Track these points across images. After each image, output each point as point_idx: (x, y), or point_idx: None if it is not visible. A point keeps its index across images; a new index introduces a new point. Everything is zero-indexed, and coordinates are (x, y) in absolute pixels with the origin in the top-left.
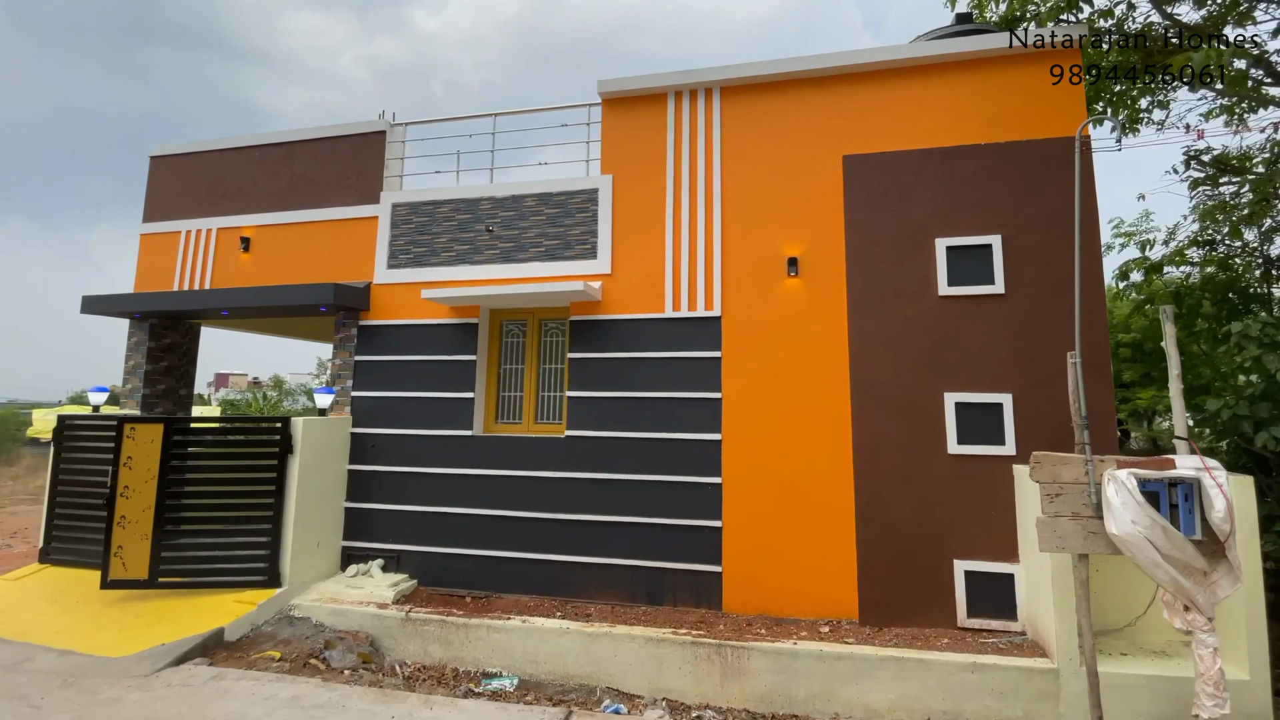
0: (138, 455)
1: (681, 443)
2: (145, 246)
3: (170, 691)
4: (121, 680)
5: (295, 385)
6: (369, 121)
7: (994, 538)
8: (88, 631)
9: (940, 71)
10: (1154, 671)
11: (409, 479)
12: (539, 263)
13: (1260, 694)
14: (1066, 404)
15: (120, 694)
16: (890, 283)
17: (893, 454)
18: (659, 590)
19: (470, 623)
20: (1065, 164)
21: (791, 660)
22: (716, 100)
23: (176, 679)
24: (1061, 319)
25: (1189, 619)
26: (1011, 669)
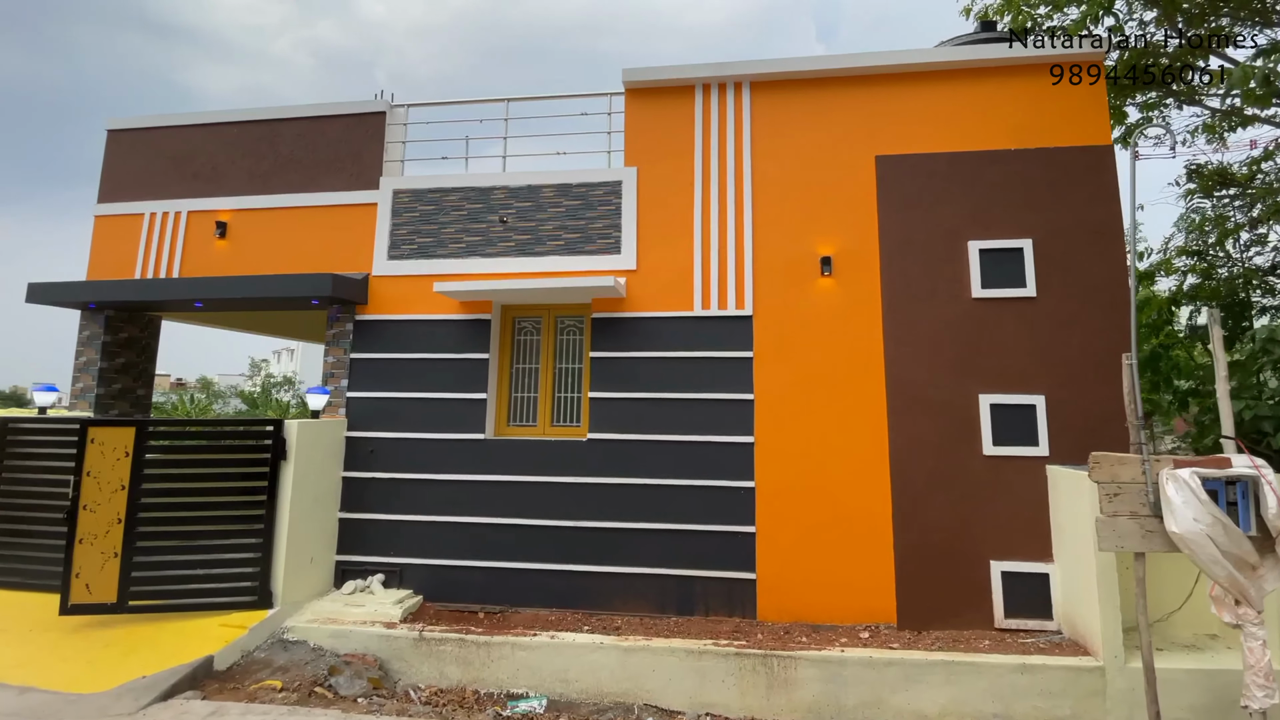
0: (105, 463)
1: (712, 445)
2: (101, 230)
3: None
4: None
5: (226, 387)
6: (365, 101)
7: (1029, 538)
8: (49, 664)
9: (967, 77)
10: (1193, 665)
11: (412, 486)
12: (558, 257)
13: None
14: (1096, 406)
15: None
16: (924, 284)
17: (929, 456)
18: (689, 600)
19: (493, 640)
20: (1089, 172)
21: (840, 668)
22: (746, 95)
23: (167, 716)
24: (1089, 323)
25: (1240, 613)
26: (1060, 668)
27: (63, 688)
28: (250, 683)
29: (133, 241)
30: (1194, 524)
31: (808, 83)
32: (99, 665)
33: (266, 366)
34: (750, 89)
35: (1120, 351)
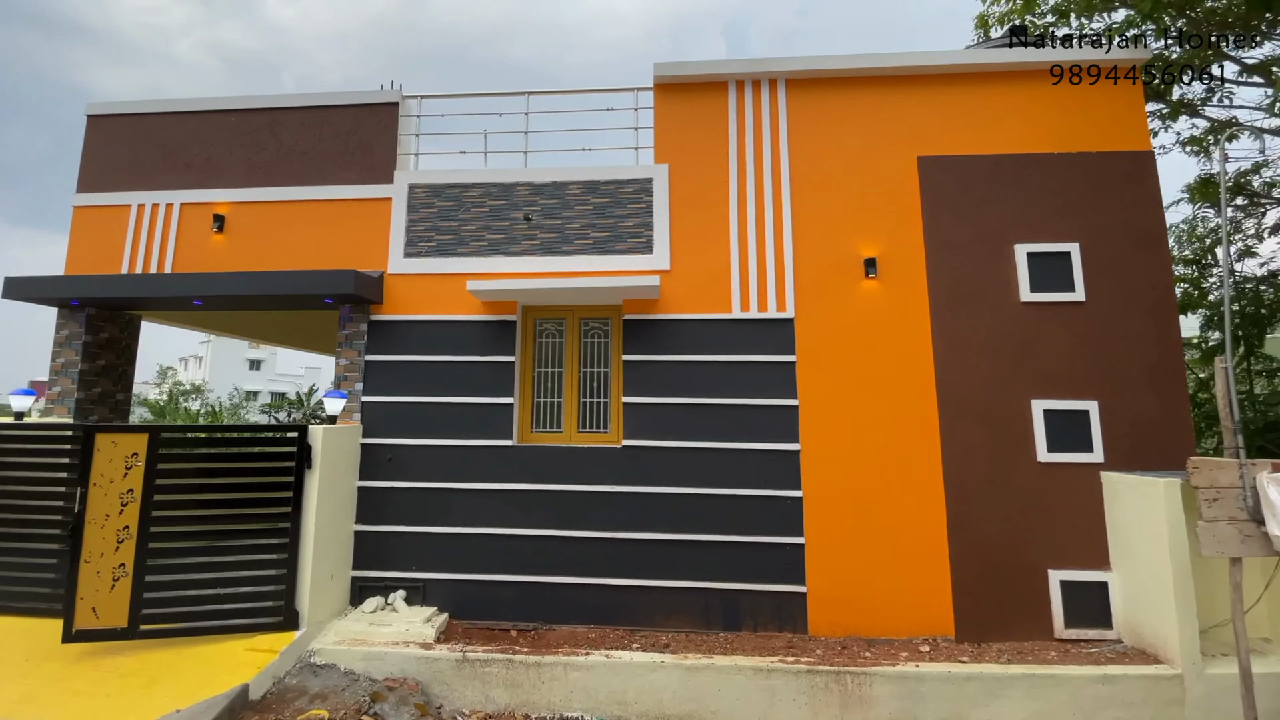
0: (115, 473)
1: (756, 453)
2: (81, 221)
3: None
4: None
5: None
6: (375, 91)
7: (1086, 546)
8: (59, 699)
9: (1006, 80)
10: (1263, 669)
11: (434, 496)
12: (586, 256)
13: None
14: (1148, 412)
15: None
16: (972, 287)
17: (983, 463)
18: (736, 614)
19: (543, 661)
20: (1131, 178)
21: (918, 684)
22: (781, 92)
23: None
24: (1138, 328)
25: None
26: (1140, 678)
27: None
28: (290, 713)
29: (118, 234)
30: None
31: (844, 81)
32: (118, 699)
33: (174, 374)
34: (785, 86)
35: (1168, 358)
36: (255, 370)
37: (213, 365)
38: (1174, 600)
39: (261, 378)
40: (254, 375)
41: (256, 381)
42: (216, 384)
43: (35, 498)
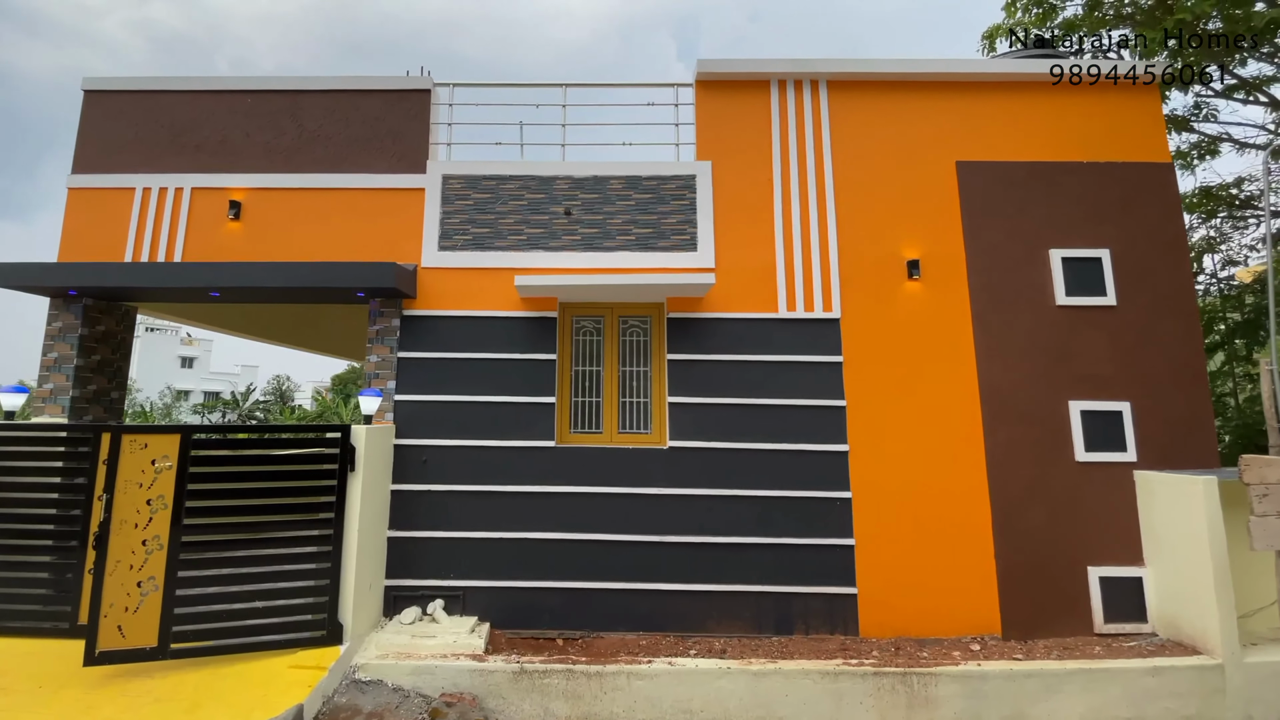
0: (143, 477)
1: (805, 454)
2: (77, 204)
3: None
4: None
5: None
6: (405, 78)
7: (1122, 543)
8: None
9: (1039, 89)
10: None
11: (472, 499)
12: (628, 253)
13: None
14: (1177, 412)
15: None
16: (1010, 290)
17: (1025, 463)
18: (788, 618)
19: (605, 670)
20: (1155, 187)
21: (981, 683)
22: (823, 92)
23: None
24: (1166, 332)
25: None
26: (1186, 669)
27: None
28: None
29: (120, 219)
30: None
31: (885, 84)
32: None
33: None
34: (827, 87)
35: (1193, 361)
36: (188, 368)
37: (141, 362)
38: (1214, 594)
39: (195, 376)
40: (186, 373)
41: (189, 380)
42: (146, 382)
43: (39, 505)
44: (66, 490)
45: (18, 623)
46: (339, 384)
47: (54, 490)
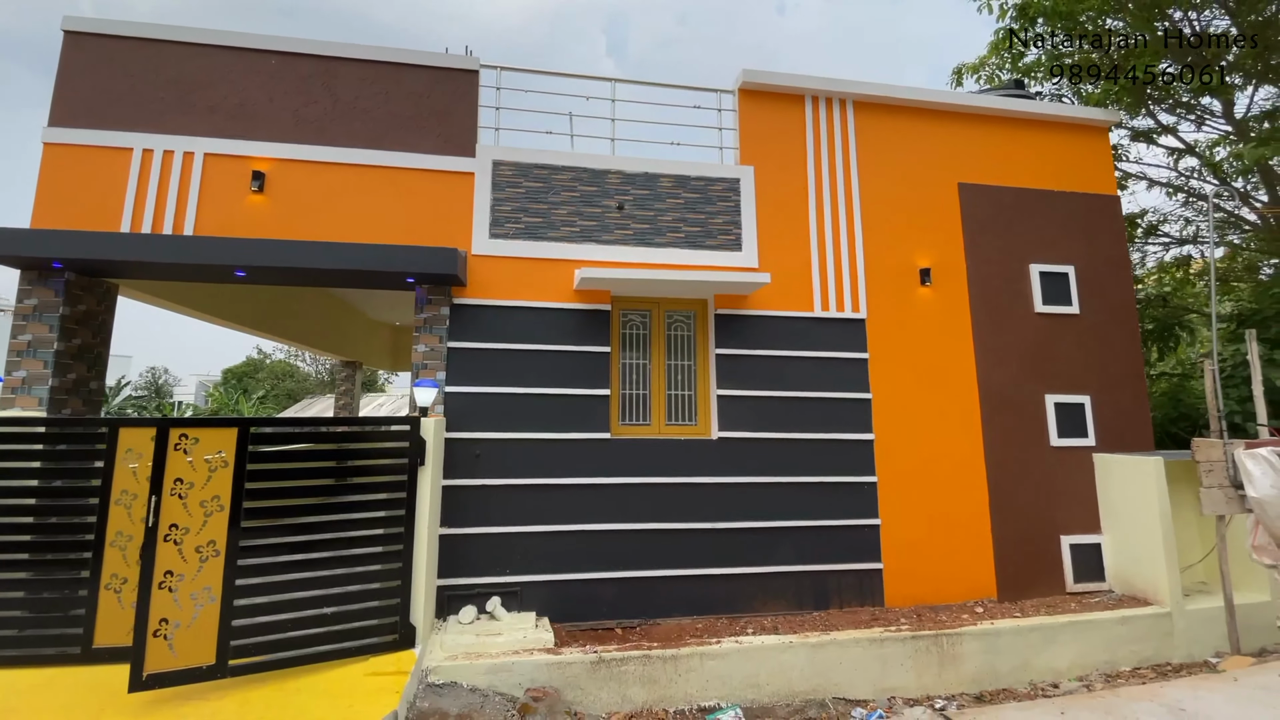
0: (196, 476)
1: (837, 443)
2: (56, 162)
3: None
4: None
5: None
6: (452, 55)
7: (1085, 515)
8: None
9: (1022, 124)
10: (1214, 604)
11: (526, 493)
12: (677, 249)
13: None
14: (1126, 405)
15: None
16: (1001, 297)
17: (1015, 449)
18: (825, 593)
19: (680, 653)
20: (1105, 215)
21: (995, 639)
22: (850, 112)
23: None
24: (1114, 337)
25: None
26: (1146, 617)
27: None
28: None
29: (113, 182)
30: (1271, 489)
31: (902, 109)
32: None
33: None
34: (854, 107)
35: (1134, 362)
36: None
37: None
38: (1163, 554)
39: None
40: None
41: None
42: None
43: (55, 512)
44: (73, 494)
45: (12, 651)
46: (231, 377)
47: (56, 495)
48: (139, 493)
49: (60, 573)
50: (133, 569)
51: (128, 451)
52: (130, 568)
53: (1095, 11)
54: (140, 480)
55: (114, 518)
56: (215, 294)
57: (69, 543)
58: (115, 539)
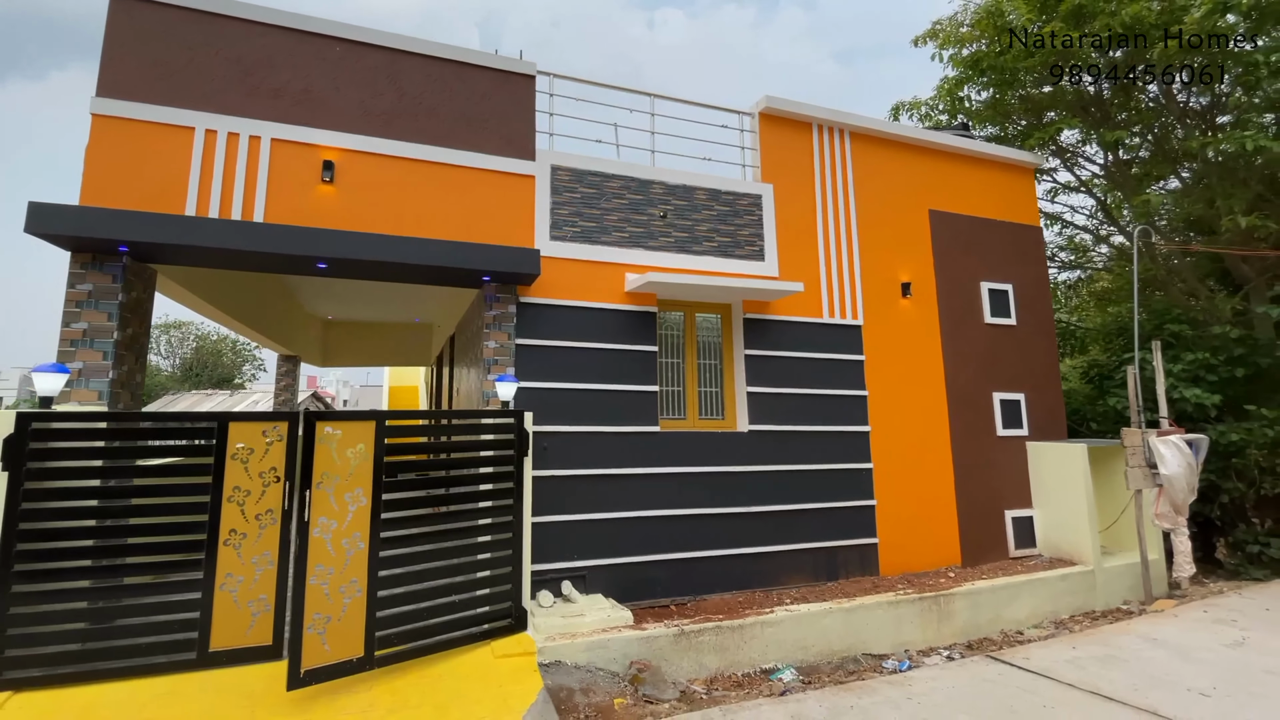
0: (340, 470)
1: (844, 434)
2: (106, 136)
3: None
4: None
5: None
6: (511, 59)
7: (1021, 492)
8: None
9: (974, 161)
10: (1128, 561)
11: (587, 483)
12: (712, 257)
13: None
14: (1048, 401)
15: None
16: (961, 310)
17: (972, 439)
18: (834, 566)
19: (745, 623)
20: (1033, 243)
21: (977, 597)
22: (848, 141)
23: None
24: (1039, 345)
25: (1176, 520)
26: (1077, 574)
27: None
28: (590, 711)
29: (174, 162)
30: (1178, 468)
31: (888, 142)
32: None
33: None
34: (851, 137)
35: (1053, 366)
36: None
37: None
38: (1087, 523)
39: None
40: None
41: None
42: None
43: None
44: (185, 492)
45: (121, 661)
46: None
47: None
48: (252, 489)
49: (170, 575)
50: (248, 568)
51: (239, 447)
52: (246, 567)
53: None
54: (253, 476)
55: (226, 515)
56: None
57: (183, 543)
58: (229, 537)
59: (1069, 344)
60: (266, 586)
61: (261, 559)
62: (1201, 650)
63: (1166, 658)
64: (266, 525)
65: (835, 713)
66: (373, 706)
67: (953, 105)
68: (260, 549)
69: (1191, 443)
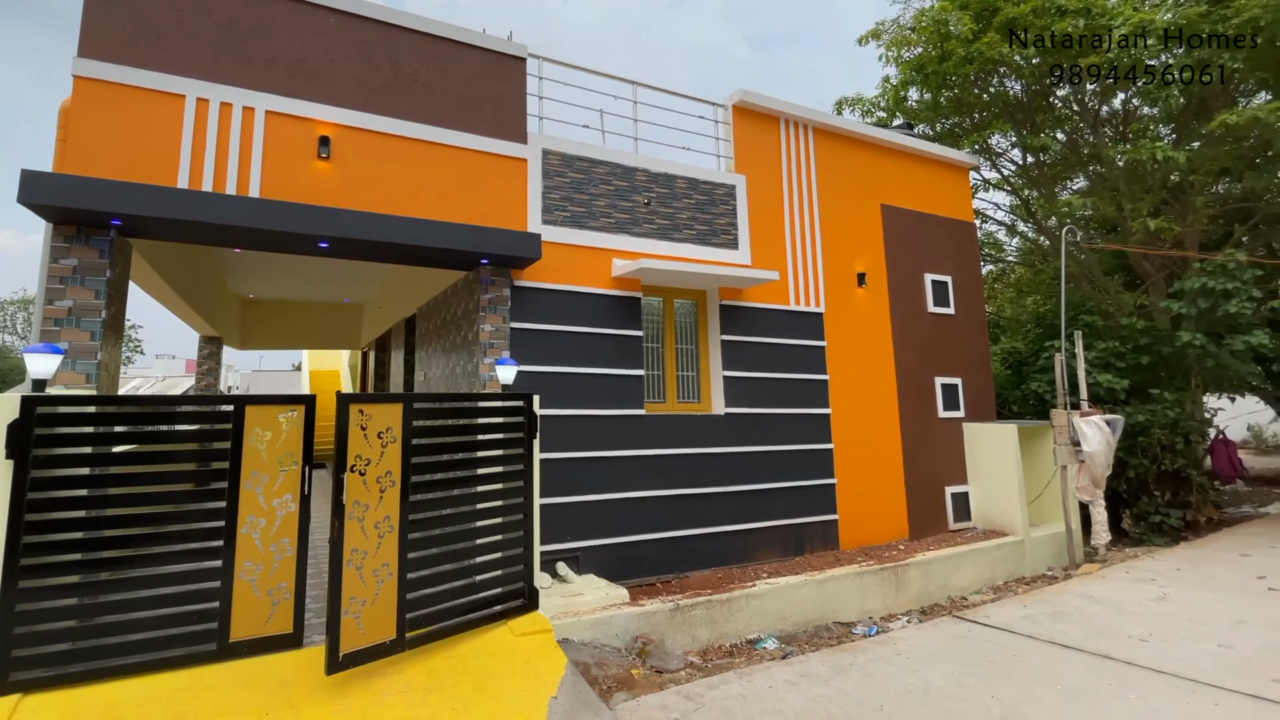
0: (372, 453)
1: (807, 416)
2: (89, 100)
3: None
4: None
5: None
6: (503, 40)
7: (958, 470)
8: None
9: (919, 160)
10: (1050, 532)
11: (578, 465)
12: (691, 245)
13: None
14: (980, 385)
15: None
16: (908, 299)
17: (918, 420)
18: (801, 541)
19: (732, 597)
20: (968, 238)
21: (928, 567)
22: (811, 136)
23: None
24: (974, 333)
25: (1094, 493)
26: (1010, 544)
27: None
28: (611, 684)
29: (164, 132)
30: (1098, 445)
31: (846, 139)
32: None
33: None
34: (814, 133)
35: (985, 353)
36: None
37: None
38: (1017, 497)
39: None
40: None
41: None
42: None
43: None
44: (200, 479)
45: (138, 656)
46: None
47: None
48: (269, 474)
49: (187, 565)
50: (267, 556)
51: (254, 430)
52: (265, 555)
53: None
54: (269, 461)
55: (245, 502)
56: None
57: (200, 531)
58: (247, 524)
59: (990, 333)
60: (286, 574)
61: (280, 546)
62: (1132, 605)
63: (1105, 612)
64: (284, 512)
65: (839, 669)
66: (410, 687)
67: (895, 105)
68: (279, 536)
69: (1110, 422)
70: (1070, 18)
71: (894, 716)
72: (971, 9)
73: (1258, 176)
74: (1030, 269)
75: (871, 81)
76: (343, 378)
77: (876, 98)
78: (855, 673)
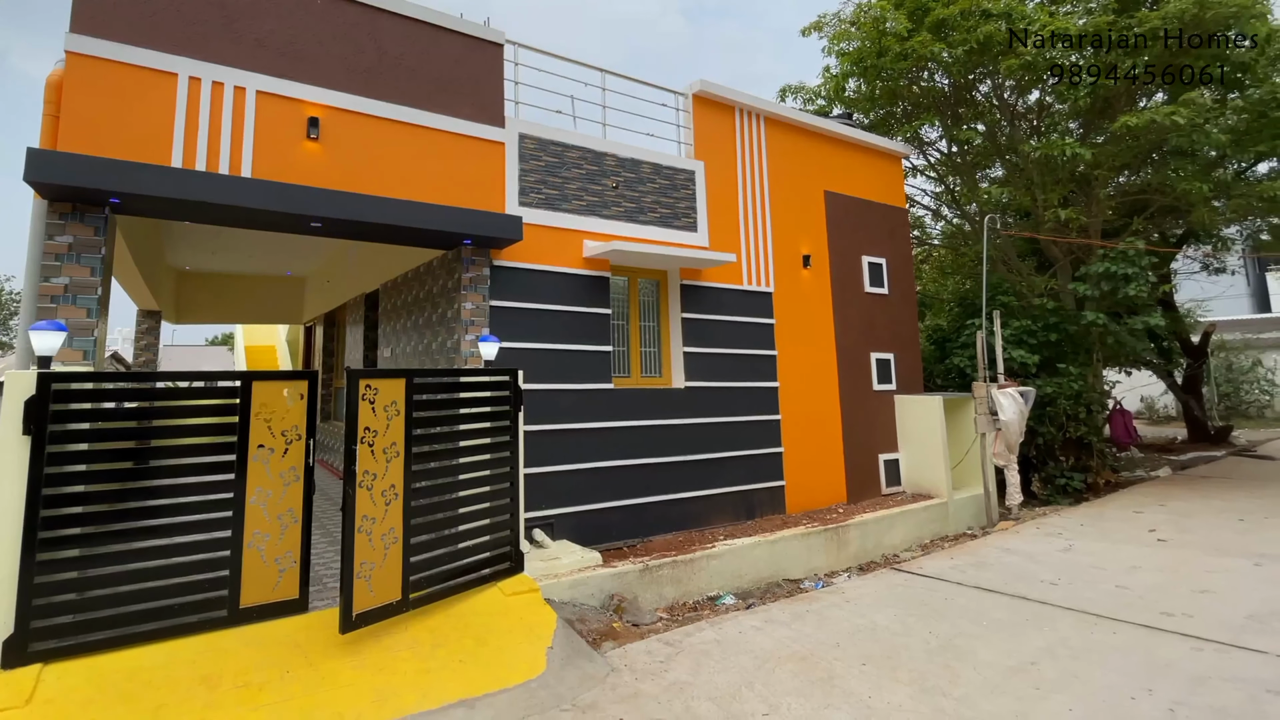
0: (379, 425)
1: (759, 390)
2: (82, 76)
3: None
4: None
5: None
6: (481, 25)
7: (889, 439)
8: (433, 678)
9: (858, 148)
10: (971, 494)
11: (553, 437)
12: (655, 227)
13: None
14: (910, 360)
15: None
16: (848, 280)
17: (855, 393)
18: (752, 506)
19: (694, 558)
20: (900, 222)
21: (865, 528)
22: (762, 125)
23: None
24: (904, 312)
25: (1009, 458)
26: (936, 506)
27: (490, 688)
28: (600, 634)
29: (158, 111)
30: (1013, 414)
31: (793, 128)
32: (481, 662)
33: None
34: (765, 122)
35: (914, 331)
36: None
37: None
38: (943, 463)
39: None
40: None
41: None
42: None
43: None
44: (211, 451)
45: (151, 624)
46: None
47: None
48: (275, 446)
49: (198, 535)
50: (274, 525)
51: (261, 406)
52: (272, 524)
53: (902, 67)
54: (276, 434)
55: (253, 474)
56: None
57: (211, 502)
58: (255, 495)
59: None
60: (291, 543)
61: (286, 515)
62: (1043, 555)
63: (1020, 561)
64: (290, 483)
65: (797, 616)
66: (418, 643)
67: (835, 94)
68: (285, 506)
69: (1023, 394)
70: (993, 20)
71: (849, 651)
72: (906, 7)
73: (1154, 172)
74: (953, 251)
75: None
76: (279, 353)
77: (818, 87)
78: (812, 618)
